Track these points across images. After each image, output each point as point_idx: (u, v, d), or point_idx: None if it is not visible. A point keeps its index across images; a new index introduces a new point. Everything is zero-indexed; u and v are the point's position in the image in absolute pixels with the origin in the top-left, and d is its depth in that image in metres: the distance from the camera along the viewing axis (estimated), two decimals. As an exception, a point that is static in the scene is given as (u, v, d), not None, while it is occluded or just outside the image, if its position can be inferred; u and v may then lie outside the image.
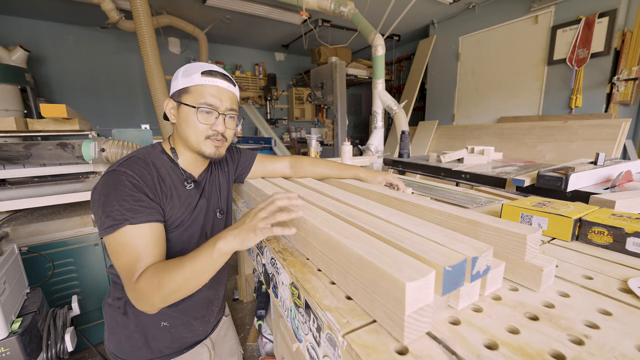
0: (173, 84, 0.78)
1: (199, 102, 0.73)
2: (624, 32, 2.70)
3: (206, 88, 0.73)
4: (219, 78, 0.75)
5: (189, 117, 0.74)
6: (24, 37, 3.84)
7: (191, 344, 0.87)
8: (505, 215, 0.78)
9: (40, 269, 1.53)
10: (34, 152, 1.56)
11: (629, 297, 0.47)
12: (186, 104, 0.74)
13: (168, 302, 0.61)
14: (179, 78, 0.76)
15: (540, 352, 0.36)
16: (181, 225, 0.77)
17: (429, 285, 0.38)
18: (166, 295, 0.59)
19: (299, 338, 0.57)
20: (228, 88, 0.77)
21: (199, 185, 0.84)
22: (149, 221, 0.65)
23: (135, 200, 0.65)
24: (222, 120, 0.76)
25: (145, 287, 0.59)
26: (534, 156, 2.95)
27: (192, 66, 0.75)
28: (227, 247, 0.58)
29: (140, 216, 0.64)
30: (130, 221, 0.62)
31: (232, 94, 0.78)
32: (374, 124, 2.66)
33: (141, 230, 0.64)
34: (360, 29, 2.69)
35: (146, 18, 2.74)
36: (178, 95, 0.75)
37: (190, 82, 0.74)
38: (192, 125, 0.74)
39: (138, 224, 0.63)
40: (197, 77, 0.73)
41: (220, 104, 0.75)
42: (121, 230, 0.62)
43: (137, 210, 0.64)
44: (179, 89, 0.75)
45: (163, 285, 0.58)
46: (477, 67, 3.85)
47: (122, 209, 0.63)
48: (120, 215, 0.62)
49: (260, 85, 5.69)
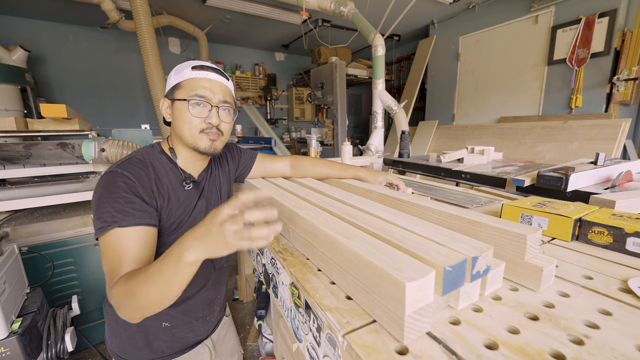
0: (167, 84, 0.78)
1: (190, 94, 0.72)
2: (624, 32, 2.70)
3: (197, 81, 0.73)
4: (210, 71, 0.75)
5: (182, 112, 0.74)
6: (24, 37, 3.84)
7: (192, 344, 0.87)
8: (505, 215, 0.78)
9: (40, 269, 1.53)
10: (34, 152, 1.56)
11: (629, 297, 0.47)
12: (178, 99, 0.74)
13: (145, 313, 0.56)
14: (172, 77, 0.76)
15: (540, 352, 0.36)
16: (180, 226, 0.77)
17: (429, 285, 0.38)
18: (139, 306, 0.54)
19: (299, 338, 0.57)
20: (220, 80, 0.76)
21: (198, 185, 0.84)
22: (138, 224, 0.63)
23: (127, 202, 0.64)
24: (215, 113, 0.75)
25: (118, 296, 0.56)
26: (534, 156, 2.95)
27: (183, 64, 0.76)
28: (193, 256, 0.49)
29: (130, 219, 0.63)
30: (119, 223, 0.61)
31: (225, 86, 0.77)
32: (374, 124, 2.66)
33: (128, 233, 0.62)
34: (360, 29, 2.69)
35: (146, 18, 2.75)
36: (171, 93, 0.76)
37: (181, 78, 0.74)
38: (186, 120, 0.73)
39: (127, 226, 0.62)
40: (187, 72, 0.73)
41: (213, 96, 0.74)
42: (109, 232, 0.61)
43: (127, 212, 0.63)
44: (171, 86, 0.76)
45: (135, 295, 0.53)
46: (477, 67, 3.85)
47: (113, 210, 0.62)
48: (110, 217, 0.61)
49: (260, 85, 5.69)
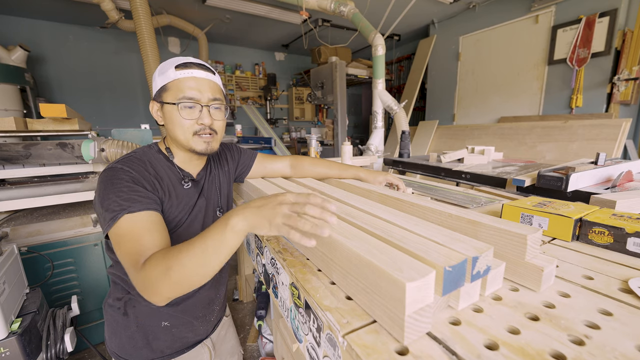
0: (153, 86, 0.75)
1: (178, 97, 0.70)
2: (624, 32, 2.70)
3: (183, 82, 0.70)
4: (194, 68, 0.72)
5: (173, 116, 0.72)
6: (23, 36, 3.84)
7: (192, 344, 0.87)
8: (505, 215, 0.77)
9: (40, 269, 1.53)
10: (33, 152, 1.56)
11: (629, 297, 0.47)
12: (167, 103, 0.72)
13: (176, 292, 0.55)
14: (156, 78, 0.73)
15: (540, 352, 0.36)
16: (179, 225, 0.77)
17: (429, 285, 0.38)
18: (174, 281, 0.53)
19: (299, 338, 0.57)
20: (206, 77, 0.73)
21: (197, 184, 0.83)
22: (147, 209, 0.63)
23: (132, 191, 0.64)
24: (207, 113, 0.73)
25: (151, 273, 0.54)
26: (535, 156, 2.95)
27: (166, 63, 0.73)
28: (240, 224, 0.50)
29: (138, 205, 0.62)
30: (128, 210, 0.61)
31: (212, 82, 0.75)
32: (374, 124, 2.65)
33: (140, 217, 0.62)
34: (360, 29, 2.69)
35: (146, 18, 2.74)
36: (158, 96, 0.73)
37: (166, 79, 0.71)
38: (178, 123, 0.72)
39: (136, 212, 0.62)
40: (172, 73, 0.70)
41: (201, 96, 0.72)
42: (120, 220, 0.60)
43: (134, 199, 0.63)
44: (158, 88, 0.73)
45: (171, 269, 0.52)
46: (478, 67, 3.85)
47: (120, 199, 0.62)
48: (118, 205, 0.61)
49: (260, 85, 5.69)
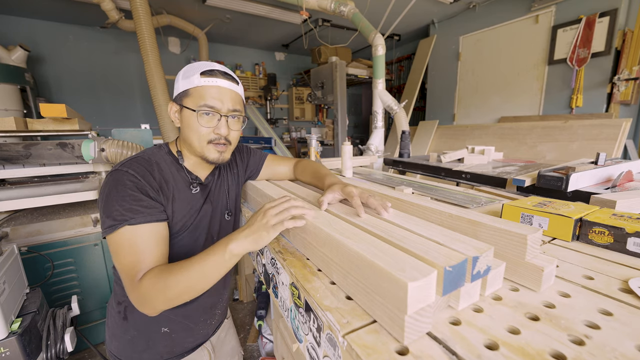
0: (175, 87, 0.76)
1: (199, 104, 0.70)
2: (624, 32, 2.70)
3: (206, 89, 0.71)
4: (219, 77, 0.72)
5: (191, 121, 0.72)
6: (23, 36, 3.84)
7: (192, 348, 0.87)
8: (505, 215, 0.77)
9: (40, 269, 1.53)
10: (33, 152, 1.56)
11: (629, 297, 0.47)
12: (187, 107, 0.72)
13: (171, 305, 0.60)
14: (180, 80, 0.73)
15: (540, 352, 0.36)
16: (184, 229, 0.76)
17: (430, 285, 0.38)
18: (170, 298, 0.58)
19: (299, 338, 0.57)
20: (230, 87, 0.73)
21: (205, 188, 0.83)
22: (148, 221, 0.64)
23: (135, 200, 0.64)
24: (224, 123, 0.73)
25: (148, 289, 0.58)
26: (535, 156, 2.95)
27: (192, 67, 0.73)
28: (238, 248, 0.57)
29: (140, 217, 0.63)
30: (129, 222, 0.62)
31: (235, 93, 0.75)
32: (374, 124, 2.65)
33: (140, 230, 0.63)
34: (360, 29, 2.69)
35: (146, 18, 2.74)
36: (180, 99, 0.73)
37: (190, 84, 0.71)
38: (194, 129, 0.72)
39: (137, 224, 0.63)
40: (196, 79, 0.70)
41: (222, 106, 0.72)
42: (120, 230, 0.61)
43: (136, 210, 0.63)
44: (180, 91, 0.73)
45: (168, 288, 0.57)
46: (478, 67, 3.84)
47: (122, 209, 0.62)
48: (120, 215, 0.62)
49: (260, 85, 5.69)
